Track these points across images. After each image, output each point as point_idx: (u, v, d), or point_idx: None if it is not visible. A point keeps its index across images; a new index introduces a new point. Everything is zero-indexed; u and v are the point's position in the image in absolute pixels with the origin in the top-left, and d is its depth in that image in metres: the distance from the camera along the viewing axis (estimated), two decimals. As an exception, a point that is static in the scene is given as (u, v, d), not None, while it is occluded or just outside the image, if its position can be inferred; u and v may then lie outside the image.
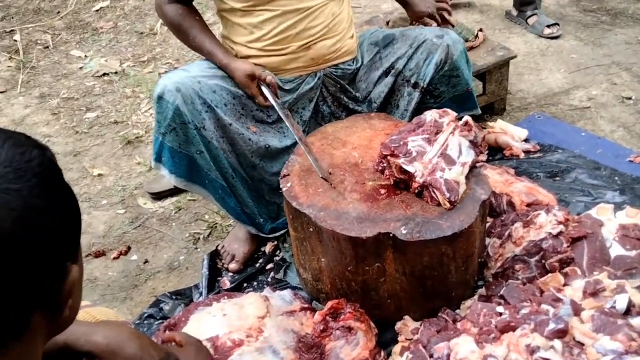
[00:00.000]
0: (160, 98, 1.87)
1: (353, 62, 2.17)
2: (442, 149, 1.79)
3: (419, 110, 2.13)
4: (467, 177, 1.80)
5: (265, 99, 1.96)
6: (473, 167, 1.83)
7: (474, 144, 1.86)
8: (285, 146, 2.07)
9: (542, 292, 1.73)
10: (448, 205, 1.70)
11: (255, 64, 1.99)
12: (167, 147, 1.94)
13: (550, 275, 1.78)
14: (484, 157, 2.50)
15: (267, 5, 1.95)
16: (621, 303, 1.57)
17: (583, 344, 1.45)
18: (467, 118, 1.88)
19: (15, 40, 4.00)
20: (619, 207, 1.96)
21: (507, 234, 1.95)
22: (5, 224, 0.67)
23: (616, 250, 1.80)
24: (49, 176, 0.74)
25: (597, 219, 1.89)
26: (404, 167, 1.75)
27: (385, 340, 1.83)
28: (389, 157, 1.78)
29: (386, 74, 2.15)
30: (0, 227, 0.66)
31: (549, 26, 3.46)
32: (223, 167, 1.99)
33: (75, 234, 0.79)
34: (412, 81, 2.14)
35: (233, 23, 2.03)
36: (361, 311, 1.77)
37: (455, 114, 1.89)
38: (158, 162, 2.00)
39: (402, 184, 1.79)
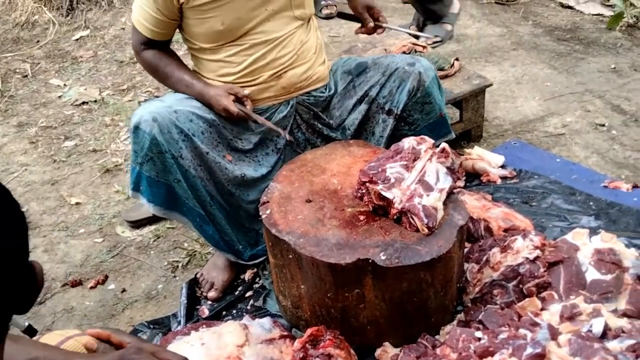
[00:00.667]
0: (137, 128, 1.88)
1: (325, 89, 2.20)
2: (419, 176, 1.81)
3: (394, 137, 2.17)
4: (445, 203, 1.82)
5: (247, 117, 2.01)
6: (450, 193, 1.85)
7: (451, 170, 1.88)
8: (260, 175, 2.08)
9: (519, 316, 1.74)
10: (426, 230, 1.72)
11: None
12: (144, 176, 1.94)
13: (527, 299, 1.79)
14: (461, 183, 2.54)
15: (235, 41, 1.99)
16: (597, 327, 1.59)
17: (560, 368, 1.46)
18: (443, 145, 1.90)
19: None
20: (594, 231, 1.98)
21: (484, 259, 1.96)
22: None
23: (592, 274, 1.82)
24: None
25: (573, 244, 1.91)
26: (383, 193, 1.76)
27: (365, 367, 1.82)
28: (367, 184, 1.80)
29: (360, 101, 2.18)
30: None
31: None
32: (200, 195, 1.99)
33: None
34: (386, 108, 2.17)
35: (202, 59, 2.08)
36: (341, 338, 1.76)
37: (432, 141, 1.92)
38: (136, 192, 2.00)
39: (381, 210, 1.81)
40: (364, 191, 1.83)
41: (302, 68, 2.10)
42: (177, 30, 2.06)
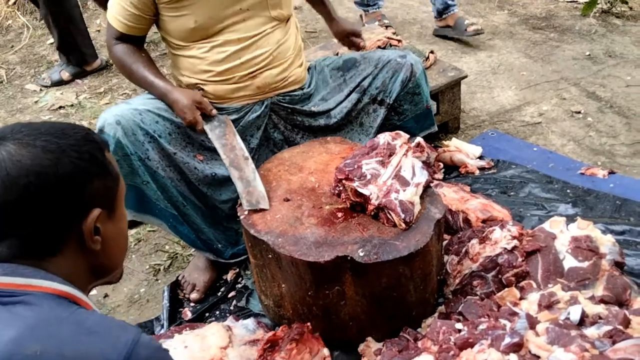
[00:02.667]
0: (101, 131, 1.88)
1: (301, 89, 2.20)
2: (395, 171, 1.82)
3: (383, 126, 2.23)
4: (422, 197, 1.83)
5: (202, 127, 2.00)
6: (427, 187, 1.87)
7: (426, 165, 1.89)
8: None
9: (499, 306, 1.76)
10: (403, 225, 1.73)
11: (201, 91, 2.04)
12: None
13: (506, 289, 1.81)
14: (439, 176, 2.55)
15: (209, 39, 1.99)
16: (575, 314, 1.61)
17: (539, 357, 1.47)
18: (418, 139, 1.92)
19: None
20: (571, 219, 2.00)
21: (463, 250, 1.98)
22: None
23: (569, 262, 1.84)
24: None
25: (550, 232, 1.93)
26: (359, 190, 1.77)
27: (349, 362, 1.83)
28: (343, 181, 1.81)
29: (351, 92, 2.21)
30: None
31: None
32: (172, 195, 1.99)
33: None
34: (379, 98, 2.21)
35: (178, 56, 2.07)
36: (309, 336, 1.76)
37: (407, 136, 1.93)
38: None
39: (358, 206, 1.81)
40: (341, 188, 1.84)
41: (278, 69, 2.09)
42: (155, 28, 2.06)
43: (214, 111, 2.00)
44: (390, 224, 1.75)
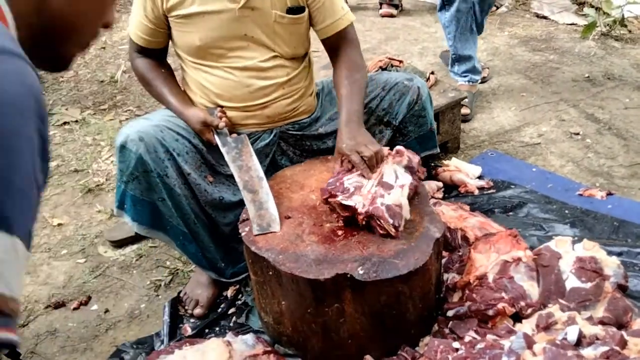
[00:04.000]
0: (123, 147, 1.89)
1: (310, 116, 2.22)
2: (378, 178, 1.84)
3: (387, 147, 2.22)
4: (421, 215, 1.86)
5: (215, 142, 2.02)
6: (415, 193, 1.88)
7: (410, 169, 1.91)
8: (239, 199, 2.05)
9: (489, 322, 1.78)
10: (393, 230, 1.75)
11: (220, 108, 2.06)
12: (129, 194, 1.95)
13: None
14: (439, 195, 2.58)
15: (216, 61, 2.01)
16: (572, 334, 1.62)
17: (535, 376, 1.49)
18: (398, 147, 1.95)
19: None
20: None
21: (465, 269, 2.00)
22: None
23: (572, 282, 1.85)
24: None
25: (555, 252, 1.93)
26: (344, 202, 1.79)
27: (348, 380, 1.84)
28: (329, 200, 1.82)
29: None
30: None
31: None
32: (185, 213, 2.01)
33: None
34: (385, 120, 2.24)
35: (188, 73, 2.10)
36: None
37: (386, 148, 1.97)
38: (120, 210, 2.01)
39: (354, 223, 1.82)
40: (330, 208, 1.85)
41: (289, 100, 2.10)
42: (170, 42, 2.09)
43: (221, 124, 2.00)
44: (383, 231, 1.77)
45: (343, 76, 2.05)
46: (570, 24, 4.26)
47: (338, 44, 2.11)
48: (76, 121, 3.61)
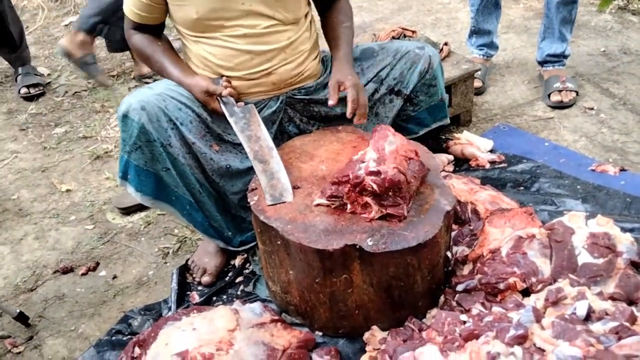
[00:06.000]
0: (125, 116, 1.87)
1: (318, 80, 2.19)
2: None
3: (398, 117, 2.26)
4: (431, 188, 1.84)
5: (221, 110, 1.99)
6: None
7: None
8: (246, 167, 2.05)
9: (498, 296, 1.77)
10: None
11: (224, 77, 2.02)
12: (132, 165, 1.94)
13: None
14: (450, 168, 2.55)
15: (215, 32, 1.97)
16: (581, 309, 1.61)
17: (543, 350, 1.48)
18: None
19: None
20: (581, 215, 2.00)
21: (475, 243, 1.98)
22: None
23: (584, 258, 1.83)
24: None
25: (569, 227, 1.91)
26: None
27: (354, 350, 1.85)
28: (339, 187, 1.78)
29: (368, 82, 2.20)
30: None
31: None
32: (190, 182, 1.99)
33: None
34: (396, 89, 2.22)
35: (188, 47, 2.07)
36: None
37: None
38: (124, 180, 2.00)
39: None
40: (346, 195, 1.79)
41: (292, 64, 2.07)
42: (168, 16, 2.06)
43: (225, 92, 1.96)
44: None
45: (334, 21, 2.15)
46: (587, -3, 4.18)
47: None
48: (86, 90, 3.59)
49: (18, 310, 2.08)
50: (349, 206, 1.77)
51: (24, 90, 3.51)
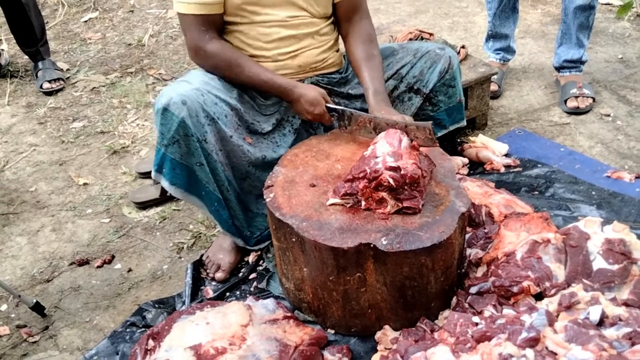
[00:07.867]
0: (165, 110, 1.88)
1: (339, 73, 2.24)
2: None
3: (417, 116, 2.28)
4: (446, 190, 1.85)
5: (330, 118, 2.05)
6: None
7: None
8: (279, 155, 2.07)
9: (511, 299, 1.78)
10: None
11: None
12: (168, 158, 1.96)
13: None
14: (464, 171, 2.56)
15: (247, 18, 2.01)
16: (594, 314, 1.61)
17: (556, 354, 1.48)
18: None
19: (3, 50, 4.01)
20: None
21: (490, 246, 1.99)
22: None
23: (599, 264, 1.82)
24: None
25: (584, 232, 1.90)
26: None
27: (365, 349, 1.86)
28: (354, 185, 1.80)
29: (388, 79, 2.23)
30: None
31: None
32: (220, 179, 2.02)
33: None
34: (415, 87, 2.25)
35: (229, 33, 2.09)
36: None
37: None
38: (158, 173, 2.02)
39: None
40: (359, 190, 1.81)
41: (318, 50, 2.13)
42: None
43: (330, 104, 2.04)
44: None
45: (360, 50, 2.12)
46: (605, 4, 4.15)
47: (352, 9, 2.15)
48: (104, 85, 3.63)
49: (35, 301, 2.11)
50: (363, 203, 1.79)
51: (46, 85, 3.55)
